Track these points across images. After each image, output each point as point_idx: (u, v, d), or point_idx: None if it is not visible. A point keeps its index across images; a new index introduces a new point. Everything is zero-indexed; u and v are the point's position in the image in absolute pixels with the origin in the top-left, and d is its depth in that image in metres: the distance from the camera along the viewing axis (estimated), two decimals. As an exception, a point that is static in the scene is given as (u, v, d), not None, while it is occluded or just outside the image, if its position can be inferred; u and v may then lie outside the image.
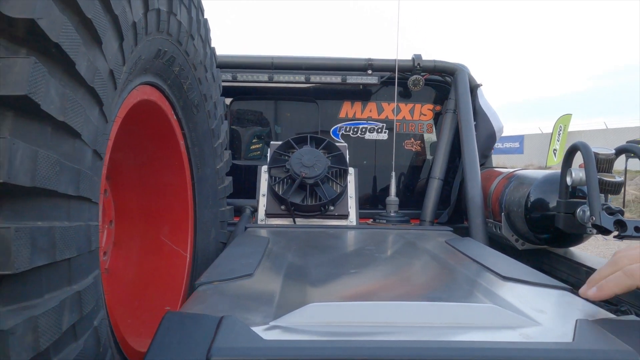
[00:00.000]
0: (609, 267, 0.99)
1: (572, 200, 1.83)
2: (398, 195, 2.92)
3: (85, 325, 0.91)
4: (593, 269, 1.84)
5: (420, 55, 3.10)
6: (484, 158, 3.14)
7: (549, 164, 22.90)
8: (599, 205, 1.59)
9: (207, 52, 1.95)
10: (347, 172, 2.70)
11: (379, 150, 3.30)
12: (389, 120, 3.27)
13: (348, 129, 3.28)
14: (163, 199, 1.94)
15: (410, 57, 3.12)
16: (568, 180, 1.81)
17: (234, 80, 3.00)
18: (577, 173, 1.76)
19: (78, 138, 0.89)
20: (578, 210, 1.78)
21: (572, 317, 0.95)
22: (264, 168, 2.75)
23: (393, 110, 3.24)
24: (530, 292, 1.16)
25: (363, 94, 3.25)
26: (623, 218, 1.57)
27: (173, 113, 1.78)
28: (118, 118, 1.28)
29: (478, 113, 3.06)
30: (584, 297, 1.00)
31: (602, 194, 1.72)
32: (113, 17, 1.02)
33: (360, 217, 2.78)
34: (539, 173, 2.20)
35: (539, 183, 2.10)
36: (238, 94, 3.21)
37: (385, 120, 3.28)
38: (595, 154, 1.70)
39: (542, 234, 2.11)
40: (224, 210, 2.32)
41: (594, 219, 1.60)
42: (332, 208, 2.63)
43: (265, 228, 2.29)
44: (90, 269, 0.95)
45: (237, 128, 3.31)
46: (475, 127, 2.98)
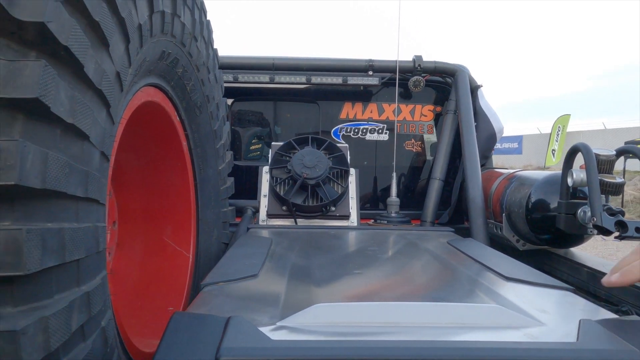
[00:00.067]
0: (633, 255, 1.00)
1: (573, 201, 1.84)
2: (398, 196, 2.93)
3: (93, 326, 0.91)
4: (594, 269, 1.86)
5: (421, 57, 3.11)
6: (485, 159, 3.15)
7: (548, 164, 22.93)
8: (600, 206, 1.60)
9: (209, 53, 1.95)
10: (348, 172, 2.71)
11: (380, 151, 3.31)
12: (390, 121, 3.28)
13: (349, 130, 3.29)
14: (166, 200, 1.95)
15: (411, 58, 3.14)
16: (569, 181, 1.82)
17: (235, 82, 3.00)
18: (578, 174, 1.77)
19: (86, 140, 0.89)
20: (579, 211, 1.79)
21: (575, 317, 0.96)
22: (265, 169, 2.76)
23: (394, 111, 3.25)
24: (533, 292, 1.17)
25: (364, 95, 3.26)
26: (624, 219, 1.59)
27: (176, 114, 1.79)
28: (123, 119, 1.28)
29: (478, 114, 3.07)
30: (607, 285, 1.00)
31: (602, 195, 1.73)
32: (120, 19, 1.03)
33: (361, 217, 2.78)
34: (540, 174, 2.21)
35: (540, 184, 2.11)
36: (239, 95, 3.21)
37: (386, 121, 3.29)
38: (596, 155, 1.72)
39: (543, 235, 2.12)
40: (226, 211, 2.32)
41: (595, 220, 1.61)
42: (333, 209, 2.64)
43: (268, 229, 2.30)
44: (98, 270, 0.96)
45: (238, 129, 3.32)
46: (476, 128, 2.99)
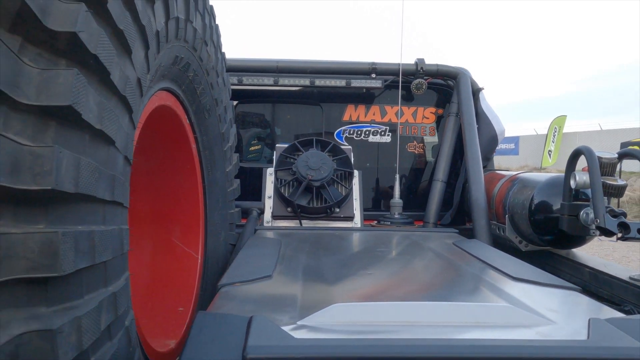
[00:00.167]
0: None
1: (575, 203, 1.88)
2: (400, 197, 2.97)
3: (119, 325, 0.94)
4: (596, 270, 1.90)
5: (423, 59, 3.15)
6: (486, 161, 3.18)
7: (544, 165, 23.02)
8: (604, 208, 1.64)
9: (218, 57, 1.98)
10: (352, 174, 2.75)
11: (382, 153, 3.34)
12: (392, 123, 3.31)
13: (352, 132, 3.32)
14: (175, 202, 1.97)
15: (413, 61, 3.17)
16: (572, 184, 1.85)
17: (240, 84, 3.03)
18: (580, 176, 1.81)
19: (112, 145, 0.92)
20: (581, 213, 1.83)
21: (583, 316, 1.00)
22: (270, 170, 2.79)
23: (396, 114, 3.28)
24: (541, 292, 1.21)
25: (366, 97, 3.30)
26: (626, 220, 1.62)
27: (186, 117, 1.82)
28: (139, 124, 1.31)
29: (480, 116, 3.11)
30: None
31: (605, 197, 1.77)
32: (140, 27, 1.06)
33: (364, 218, 2.82)
34: (542, 176, 2.25)
35: (543, 186, 2.15)
36: (243, 97, 3.24)
37: (389, 123, 3.32)
38: (599, 158, 1.75)
39: (545, 236, 2.16)
40: (233, 213, 2.35)
41: (598, 221, 1.65)
42: (337, 210, 2.67)
43: (275, 230, 2.32)
44: (122, 271, 0.98)
45: (242, 131, 3.35)
46: (477, 130, 3.03)
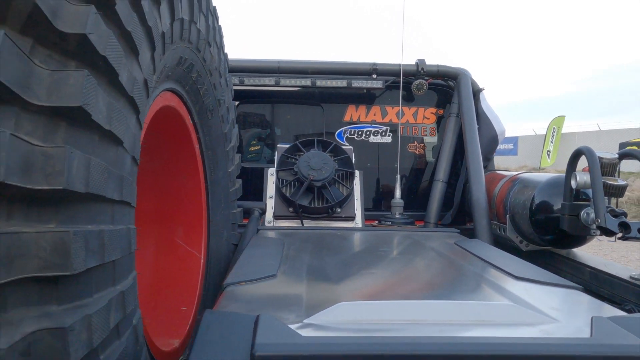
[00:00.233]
0: None
1: (576, 203, 1.89)
2: (401, 197, 2.98)
3: (127, 324, 0.95)
4: (596, 269, 1.91)
5: (424, 60, 3.16)
6: (486, 161, 3.20)
7: (543, 165, 23.06)
8: (605, 208, 1.65)
9: (221, 58, 1.99)
10: (353, 174, 2.76)
11: (383, 153, 3.36)
12: (393, 124, 3.33)
13: (353, 132, 3.33)
14: (178, 202, 1.98)
15: (414, 61, 3.18)
16: (573, 184, 1.87)
17: (241, 84, 3.04)
18: (581, 176, 1.82)
19: (121, 145, 0.93)
20: (582, 213, 1.84)
21: (585, 314, 1.01)
22: (271, 170, 2.80)
23: (397, 114, 3.30)
24: (543, 291, 1.22)
25: (367, 98, 3.31)
26: (627, 220, 1.64)
27: (190, 118, 1.83)
28: (145, 124, 1.32)
29: (480, 117, 3.13)
30: None
31: (605, 197, 1.78)
32: (147, 28, 1.07)
33: (365, 218, 2.83)
34: (543, 176, 2.26)
35: (544, 186, 2.16)
36: (245, 98, 3.25)
37: (389, 124, 3.33)
38: (600, 159, 1.76)
39: (546, 236, 2.17)
40: (235, 212, 2.36)
41: (599, 221, 1.66)
42: (339, 210, 2.68)
43: (278, 230, 2.33)
44: (130, 270, 0.99)
45: (243, 131, 3.36)
46: (478, 130, 3.04)
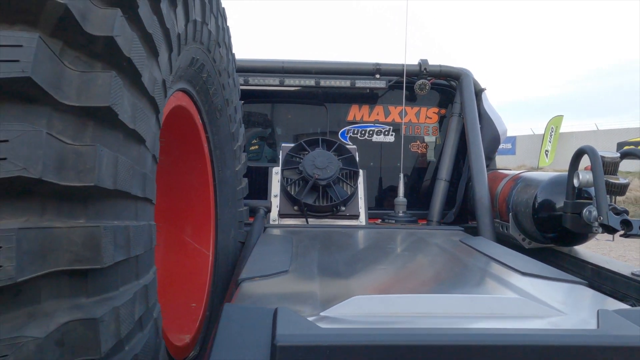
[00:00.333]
0: None
1: (579, 201, 1.92)
2: (404, 196, 3.02)
3: (148, 317, 0.98)
4: (598, 266, 1.95)
5: (427, 60, 3.20)
6: (488, 160, 3.23)
7: (541, 165, 23.15)
8: (607, 206, 1.69)
9: (229, 58, 2.02)
10: (357, 173, 2.79)
11: (386, 153, 3.39)
12: (396, 123, 3.36)
13: (356, 132, 3.37)
14: (186, 200, 2.01)
15: (417, 61, 3.22)
16: (575, 182, 1.90)
17: (246, 84, 3.07)
18: (584, 175, 1.86)
19: (143, 144, 0.96)
20: (584, 211, 1.87)
21: (591, 307, 1.05)
22: (276, 169, 2.83)
23: (400, 114, 3.33)
24: (549, 286, 1.25)
25: (370, 98, 3.34)
26: (629, 218, 1.67)
27: (199, 117, 1.86)
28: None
29: (482, 116, 3.16)
30: None
31: (607, 195, 1.82)
32: (165, 30, 1.10)
33: (369, 217, 2.87)
34: (545, 175, 2.30)
35: (546, 185, 2.19)
36: (249, 97, 3.28)
37: (392, 123, 3.37)
38: (602, 158, 1.80)
39: (548, 233, 2.21)
40: (242, 211, 2.39)
41: (602, 219, 1.70)
42: (343, 208, 2.72)
43: (284, 228, 2.37)
44: (151, 265, 1.02)
45: (247, 130, 3.39)
46: (480, 130, 3.08)
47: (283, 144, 2.96)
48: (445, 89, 3.35)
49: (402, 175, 3.01)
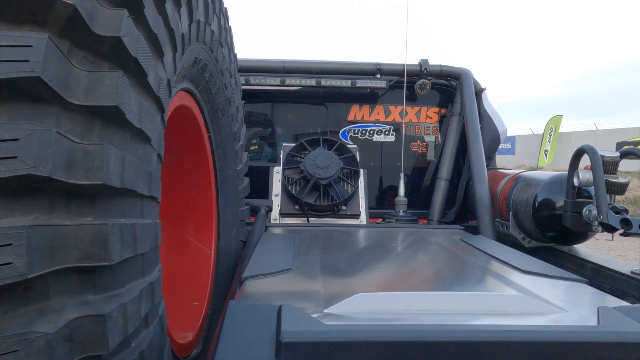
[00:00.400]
0: None
1: (578, 200, 1.94)
2: (404, 195, 3.03)
3: (154, 314, 0.99)
4: (598, 265, 1.96)
5: (427, 60, 3.21)
6: (488, 160, 3.25)
7: (540, 165, 23.16)
8: (607, 205, 1.70)
9: (231, 58, 2.03)
10: (358, 173, 2.80)
11: (386, 152, 3.41)
12: (396, 123, 3.38)
13: (356, 131, 3.38)
14: (189, 199, 2.03)
15: (417, 61, 3.23)
16: (575, 181, 1.91)
17: (247, 84, 3.08)
18: (584, 174, 1.87)
19: (149, 143, 0.97)
20: (584, 210, 1.89)
21: (591, 304, 1.06)
22: (277, 169, 2.84)
23: (400, 113, 3.35)
24: (549, 284, 1.26)
25: (371, 97, 3.36)
26: (628, 217, 1.68)
27: (202, 117, 1.87)
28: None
29: (483, 116, 3.17)
30: None
31: (607, 194, 1.83)
32: (170, 30, 1.11)
33: (369, 216, 2.88)
34: (546, 174, 2.31)
35: (546, 184, 2.20)
36: (250, 97, 3.29)
37: (393, 123, 3.38)
38: (602, 157, 1.81)
39: (549, 232, 2.22)
40: (243, 210, 2.40)
41: (602, 218, 1.71)
42: (344, 208, 2.73)
43: (286, 227, 2.38)
44: (156, 263, 1.04)
45: (248, 130, 3.40)
46: (480, 129, 3.09)
47: (284, 144, 2.97)
48: (446, 89, 3.36)
49: (402, 175, 3.03)
